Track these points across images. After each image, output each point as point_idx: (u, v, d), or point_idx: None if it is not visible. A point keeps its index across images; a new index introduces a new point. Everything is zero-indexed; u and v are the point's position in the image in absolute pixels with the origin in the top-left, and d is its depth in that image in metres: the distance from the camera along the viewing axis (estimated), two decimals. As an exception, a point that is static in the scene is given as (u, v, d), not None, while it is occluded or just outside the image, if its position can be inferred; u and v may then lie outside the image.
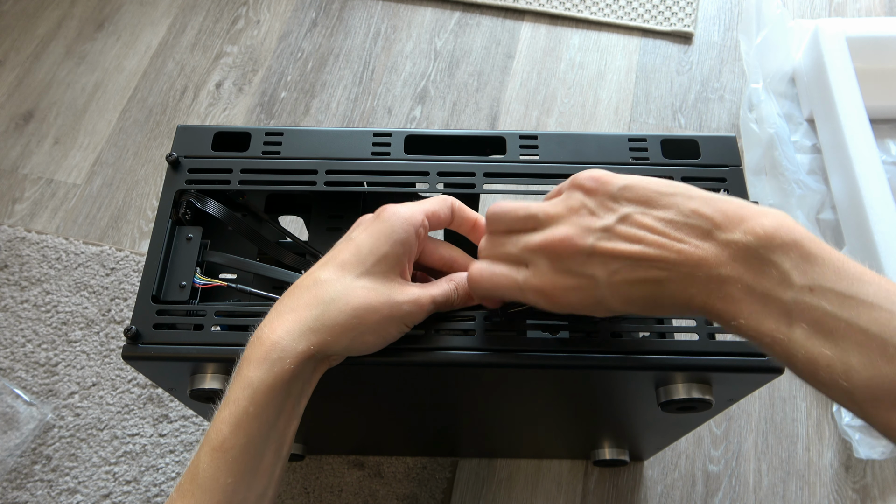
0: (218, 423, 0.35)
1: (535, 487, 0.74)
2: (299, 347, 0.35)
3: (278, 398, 0.35)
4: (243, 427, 0.35)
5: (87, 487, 0.73)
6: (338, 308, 0.36)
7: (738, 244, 0.31)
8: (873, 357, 0.28)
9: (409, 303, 0.38)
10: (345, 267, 0.38)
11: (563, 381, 0.46)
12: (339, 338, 0.36)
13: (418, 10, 1.08)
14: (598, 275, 0.33)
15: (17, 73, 1.02)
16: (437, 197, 0.42)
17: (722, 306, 0.31)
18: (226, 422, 0.35)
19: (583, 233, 0.34)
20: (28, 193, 0.92)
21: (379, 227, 0.39)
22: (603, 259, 0.33)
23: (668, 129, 0.97)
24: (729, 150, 0.47)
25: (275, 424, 0.36)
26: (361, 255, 0.38)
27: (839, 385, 0.28)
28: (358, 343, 0.37)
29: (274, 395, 0.35)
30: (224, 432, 0.35)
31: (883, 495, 0.73)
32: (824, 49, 0.88)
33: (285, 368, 0.35)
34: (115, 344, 0.80)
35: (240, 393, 0.35)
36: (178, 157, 0.46)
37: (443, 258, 0.43)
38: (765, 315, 0.30)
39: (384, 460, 0.74)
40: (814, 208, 0.85)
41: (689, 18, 1.06)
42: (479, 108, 0.99)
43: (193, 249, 0.45)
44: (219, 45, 1.05)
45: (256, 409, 0.35)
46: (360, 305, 0.36)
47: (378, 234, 0.38)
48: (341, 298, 0.36)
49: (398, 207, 0.39)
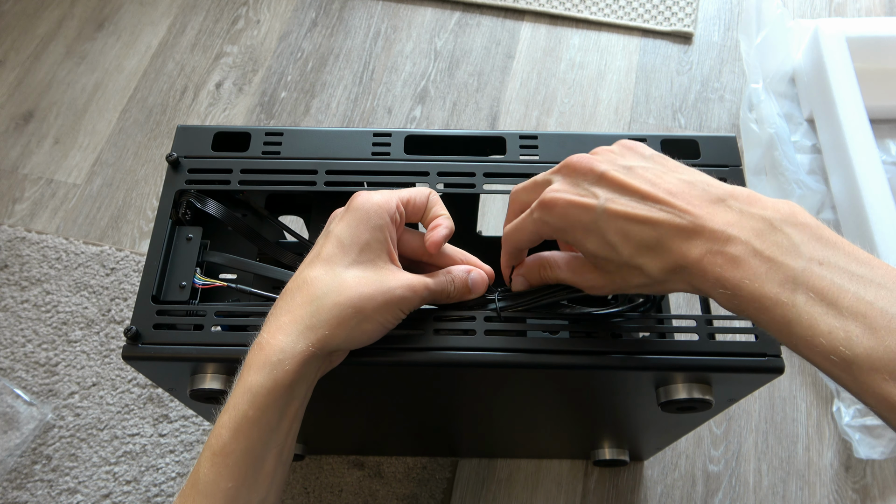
0: (218, 429, 0.35)
1: (535, 487, 0.74)
2: (298, 347, 0.35)
3: (279, 402, 0.35)
4: (243, 432, 0.35)
5: (87, 487, 0.73)
6: (332, 301, 0.36)
7: (751, 214, 0.32)
8: (877, 327, 0.28)
9: (403, 287, 0.38)
10: (331, 261, 0.37)
11: (563, 381, 0.46)
12: (336, 330, 0.36)
13: (418, 10, 1.08)
14: (600, 196, 0.35)
15: (17, 73, 1.02)
16: (416, 187, 0.42)
17: (720, 268, 0.31)
18: (226, 427, 0.35)
19: (607, 164, 0.36)
20: (28, 193, 0.92)
21: (354, 215, 0.38)
22: (611, 185, 0.35)
23: (668, 129, 0.97)
24: (729, 150, 0.47)
25: (276, 428, 0.35)
26: (344, 246, 0.38)
27: (839, 352, 0.28)
28: (357, 333, 0.37)
29: (274, 399, 0.35)
30: (224, 437, 0.34)
31: (883, 495, 0.73)
32: (824, 49, 0.88)
33: (286, 370, 0.35)
34: (115, 344, 0.80)
35: (240, 398, 0.35)
36: (178, 157, 0.46)
37: (422, 248, 0.42)
38: (768, 279, 0.30)
39: (384, 460, 0.74)
40: (814, 208, 0.85)
41: (689, 18, 1.06)
42: (479, 108, 0.99)
43: (193, 249, 0.45)
44: (219, 45, 1.05)
45: (256, 413, 0.35)
46: (354, 295, 0.36)
47: (356, 223, 0.38)
48: (333, 291, 0.36)
49: (371, 194, 0.39)
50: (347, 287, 0.36)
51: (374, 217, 0.38)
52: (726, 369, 0.41)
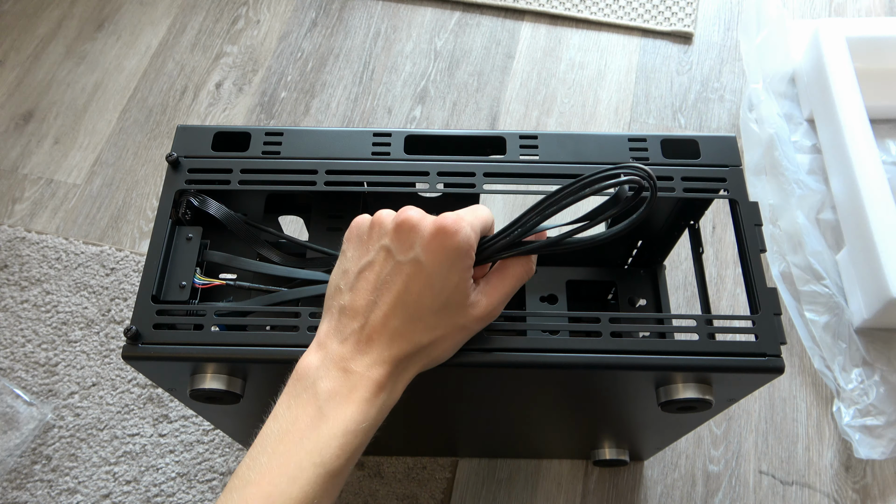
0: (331, 448, 0.34)
1: (535, 487, 0.74)
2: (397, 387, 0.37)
3: (378, 424, 0.36)
4: (354, 457, 0.35)
5: (87, 487, 0.73)
6: (421, 360, 0.37)
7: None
8: None
9: (479, 321, 0.38)
10: (419, 308, 0.35)
11: (563, 380, 0.46)
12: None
13: (418, 10, 1.08)
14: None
15: (17, 73, 1.02)
16: (480, 207, 0.39)
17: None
18: (343, 449, 0.34)
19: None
20: (28, 193, 0.92)
21: (448, 253, 0.34)
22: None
23: (668, 129, 0.97)
24: (729, 150, 0.47)
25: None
26: (434, 288, 0.35)
27: None
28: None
29: (377, 424, 0.36)
30: (342, 460, 0.34)
31: (883, 495, 0.73)
32: (824, 49, 0.88)
33: (390, 402, 0.36)
34: (115, 344, 0.80)
35: (355, 425, 0.35)
36: (178, 157, 0.46)
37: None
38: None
39: (384, 460, 0.74)
40: (814, 208, 0.85)
41: (689, 18, 1.06)
42: (479, 108, 0.99)
43: (193, 249, 0.45)
44: (219, 45, 1.05)
45: (365, 439, 0.35)
46: (441, 356, 0.37)
47: (449, 263, 0.35)
48: (423, 353, 0.37)
49: (464, 221, 0.35)
50: (435, 349, 0.36)
51: (467, 258, 0.35)
52: (726, 369, 0.41)
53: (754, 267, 0.43)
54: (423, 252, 0.34)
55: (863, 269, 0.77)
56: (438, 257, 0.34)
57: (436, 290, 0.34)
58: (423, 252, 0.34)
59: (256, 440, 0.35)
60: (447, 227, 0.34)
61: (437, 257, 0.34)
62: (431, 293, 0.34)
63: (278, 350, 0.41)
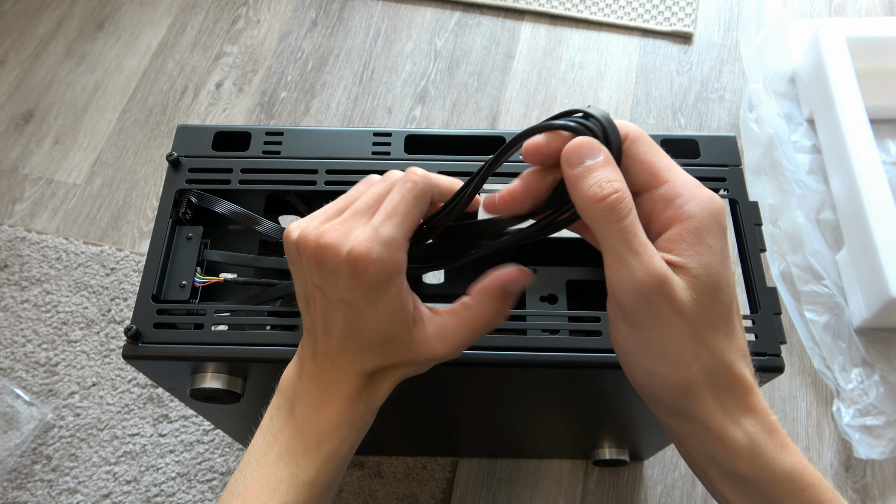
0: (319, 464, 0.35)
1: (535, 487, 0.74)
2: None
3: (360, 431, 0.37)
4: (342, 469, 0.37)
5: (87, 487, 0.73)
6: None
7: None
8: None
9: (429, 359, 0.36)
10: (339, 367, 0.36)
11: (563, 380, 0.46)
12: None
13: (418, 10, 1.08)
14: None
15: (17, 73, 1.02)
16: (401, 187, 0.35)
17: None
18: (329, 460, 0.36)
19: None
20: (28, 193, 0.92)
21: (361, 287, 0.33)
22: None
23: (668, 129, 0.97)
24: (729, 149, 0.47)
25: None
26: (359, 342, 0.35)
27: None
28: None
29: (358, 432, 0.37)
30: (331, 472, 0.36)
31: (883, 495, 0.73)
32: (824, 49, 0.88)
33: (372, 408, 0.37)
34: (115, 344, 0.80)
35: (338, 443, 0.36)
36: (178, 156, 0.46)
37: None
38: None
39: (384, 460, 0.74)
40: (814, 208, 0.85)
41: (689, 18, 1.06)
42: (479, 108, 0.99)
43: (193, 249, 0.45)
44: (219, 45, 1.05)
45: (346, 448, 0.37)
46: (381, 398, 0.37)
47: (366, 301, 0.33)
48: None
49: (367, 244, 0.32)
50: (406, 366, 0.36)
51: (390, 286, 0.33)
52: (726, 369, 0.41)
53: (754, 266, 0.43)
54: (348, 293, 0.32)
55: (863, 269, 0.77)
56: (362, 298, 0.33)
57: (371, 326, 0.33)
58: (348, 293, 0.32)
59: (245, 452, 0.36)
60: (359, 259, 0.31)
61: (360, 297, 0.33)
62: (370, 327, 0.33)
63: (278, 349, 0.41)
